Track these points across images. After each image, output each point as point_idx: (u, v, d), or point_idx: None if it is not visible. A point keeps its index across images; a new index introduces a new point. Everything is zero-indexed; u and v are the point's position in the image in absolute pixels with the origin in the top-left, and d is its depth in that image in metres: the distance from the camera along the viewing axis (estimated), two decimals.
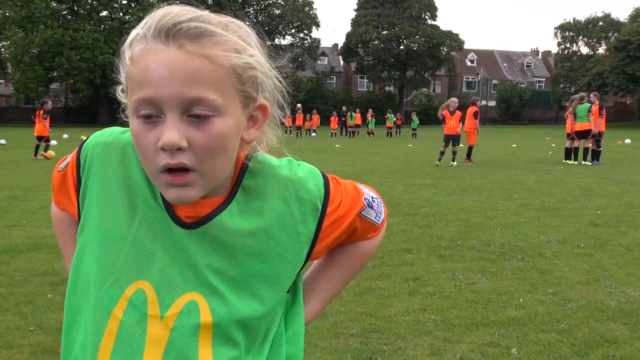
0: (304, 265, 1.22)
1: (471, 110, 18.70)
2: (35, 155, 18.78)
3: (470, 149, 18.71)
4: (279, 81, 1.09)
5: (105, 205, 1.09)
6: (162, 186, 0.99)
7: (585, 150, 17.97)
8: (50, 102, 20.53)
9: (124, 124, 1.10)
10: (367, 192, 1.31)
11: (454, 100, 18.05)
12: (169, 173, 0.97)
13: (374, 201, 1.30)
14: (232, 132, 1.00)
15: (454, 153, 17.41)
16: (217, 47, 0.96)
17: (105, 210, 1.09)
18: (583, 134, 17.85)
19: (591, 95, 18.78)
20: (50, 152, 18.73)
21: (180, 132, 0.94)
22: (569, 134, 18.34)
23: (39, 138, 19.00)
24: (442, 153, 17.44)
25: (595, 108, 18.00)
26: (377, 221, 1.31)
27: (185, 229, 1.06)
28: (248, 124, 1.05)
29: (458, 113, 17.69)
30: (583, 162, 17.73)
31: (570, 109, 18.44)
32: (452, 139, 17.34)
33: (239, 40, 0.99)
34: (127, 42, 1.00)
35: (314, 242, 1.19)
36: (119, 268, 1.06)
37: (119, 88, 1.07)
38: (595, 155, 18.03)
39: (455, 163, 17.13)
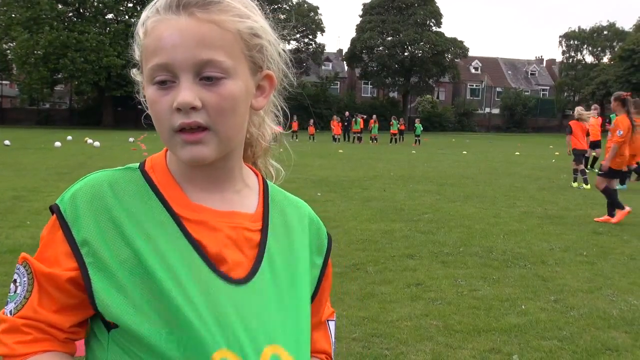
0: None
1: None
2: None
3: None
4: (283, 50, 1.16)
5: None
6: (178, 146, 1.02)
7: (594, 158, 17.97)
8: None
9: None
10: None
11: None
12: (183, 132, 1.01)
13: (332, 332, 1.30)
14: (242, 95, 1.05)
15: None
16: (223, 13, 1.03)
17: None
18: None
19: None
20: None
21: (194, 92, 0.99)
22: None
23: None
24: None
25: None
26: (333, 346, 1.30)
27: (237, 285, 1.05)
28: (256, 93, 1.11)
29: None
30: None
31: None
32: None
33: (242, 8, 1.06)
34: (140, 22, 1.07)
35: (318, 285, 1.21)
36: (193, 347, 0.99)
37: (133, 69, 1.14)
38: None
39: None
